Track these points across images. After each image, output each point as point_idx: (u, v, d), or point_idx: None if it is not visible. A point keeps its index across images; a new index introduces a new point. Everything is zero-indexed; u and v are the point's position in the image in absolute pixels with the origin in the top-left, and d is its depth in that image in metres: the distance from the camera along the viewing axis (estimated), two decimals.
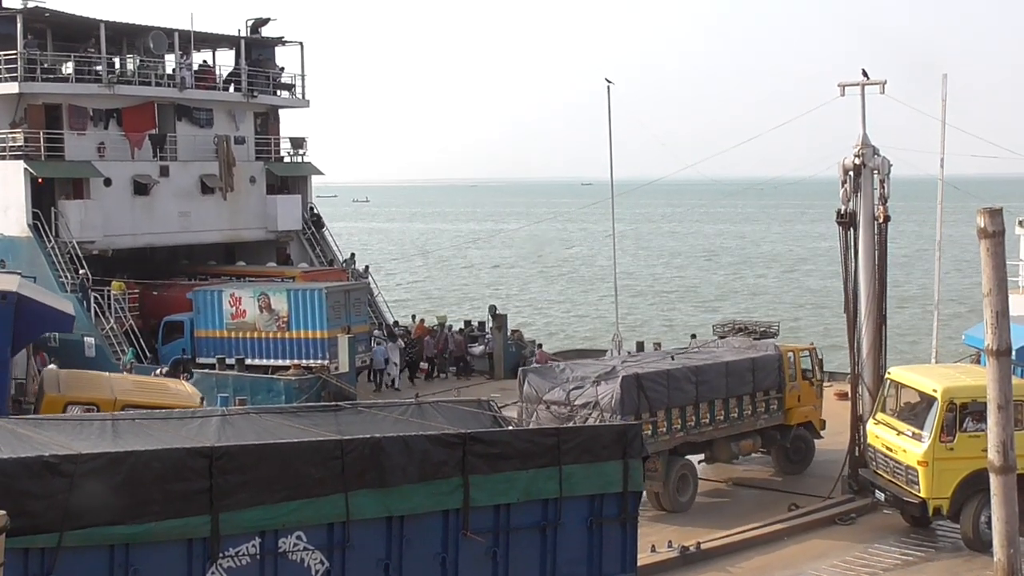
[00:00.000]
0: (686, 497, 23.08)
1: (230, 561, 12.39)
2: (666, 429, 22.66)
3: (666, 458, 22.67)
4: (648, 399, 22.23)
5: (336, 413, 16.20)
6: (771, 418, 24.96)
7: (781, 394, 25.00)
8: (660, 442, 22.44)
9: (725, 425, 24.00)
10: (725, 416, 23.92)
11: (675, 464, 22.90)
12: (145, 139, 40.72)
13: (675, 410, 22.82)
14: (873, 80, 24.02)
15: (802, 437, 25.50)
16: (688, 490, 23.16)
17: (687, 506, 22.93)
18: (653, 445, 21.78)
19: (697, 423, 23.35)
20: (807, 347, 27.35)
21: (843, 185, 23.57)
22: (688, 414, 23.11)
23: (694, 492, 23.31)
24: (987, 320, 14.38)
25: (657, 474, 22.28)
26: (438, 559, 13.68)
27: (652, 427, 22.20)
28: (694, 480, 23.36)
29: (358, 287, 38.23)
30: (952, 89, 30.07)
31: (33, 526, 11.32)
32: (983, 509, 19.01)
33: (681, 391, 22.93)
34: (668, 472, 22.67)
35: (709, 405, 23.54)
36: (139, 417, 15.13)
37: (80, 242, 37.73)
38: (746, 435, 24.61)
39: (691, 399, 23.12)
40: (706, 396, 23.42)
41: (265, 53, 46.04)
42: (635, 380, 22.13)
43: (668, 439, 22.74)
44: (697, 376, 23.32)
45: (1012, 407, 14.69)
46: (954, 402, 19.97)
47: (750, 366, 24.42)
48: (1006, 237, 14.86)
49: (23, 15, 38.49)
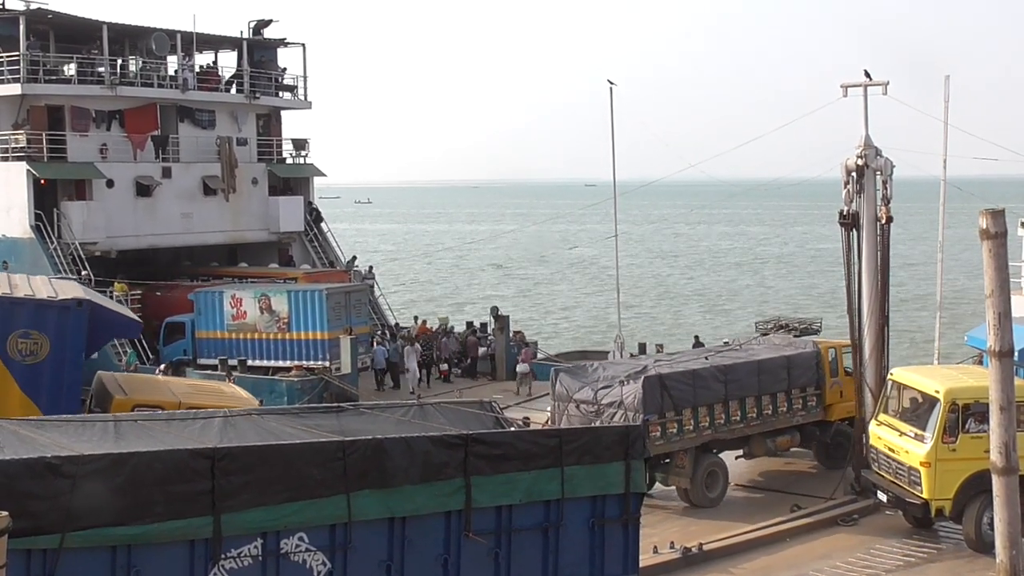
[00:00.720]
0: (715, 493, 23.35)
1: (232, 562, 12.41)
2: (693, 426, 23.02)
3: (694, 455, 23.02)
4: (672, 398, 22.66)
5: (338, 414, 16.20)
6: (809, 414, 25.10)
7: (820, 391, 25.12)
8: (686, 439, 22.88)
9: (758, 422, 24.26)
10: (758, 413, 24.21)
11: (703, 460, 23.23)
12: (147, 140, 40.75)
13: (702, 408, 23.20)
14: (876, 81, 24.02)
15: (843, 433, 25.38)
16: (718, 486, 23.44)
17: (716, 502, 23.23)
18: (679, 442, 22.59)
19: (727, 421, 23.70)
20: (848, 343, 27.33)
21: (846, 186, 23.57)
22: (717, 412, 23.47)
23: (724, 488, 23.58)
24: (989, 321, 14.39)
25: (684, 470, 22.83)
26: (440, 560, 13.68)
27: (677, 425, 22.69)
28: (724, 476, 23.64)
29: (359, 288, 38.23)
30: (954, 90, 30.04)
31: (35, 527, 11.33)
32: (985, 510, 19.02)
33: (708, 390, 23.31)
34: (696, 468, 23.02)
35: (740, 403, 23.88)
36: (141, 418, 15.14)
37: (82, 243, 37.74)
38: (784, 431, 24.78)
39: (720, 397, 23.51)
40: (736, 394, 23.78)
41: (267, 54, 46.05)
42: (658, 380, 22.60)
43: (695, 436, 23.10)
44: (726, 375, 23.70)
45: (1014, 408, 14.70)
46: (956, 403, 19.95)
47: (785, 363, 24.62)
48: (1008, 238, 14.87)
49: (26, 16, 38.52)
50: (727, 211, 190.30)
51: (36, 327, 18.15)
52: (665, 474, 23.25)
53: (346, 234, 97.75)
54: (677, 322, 64.83)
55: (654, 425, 22.10)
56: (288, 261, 45.05)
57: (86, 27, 40.03)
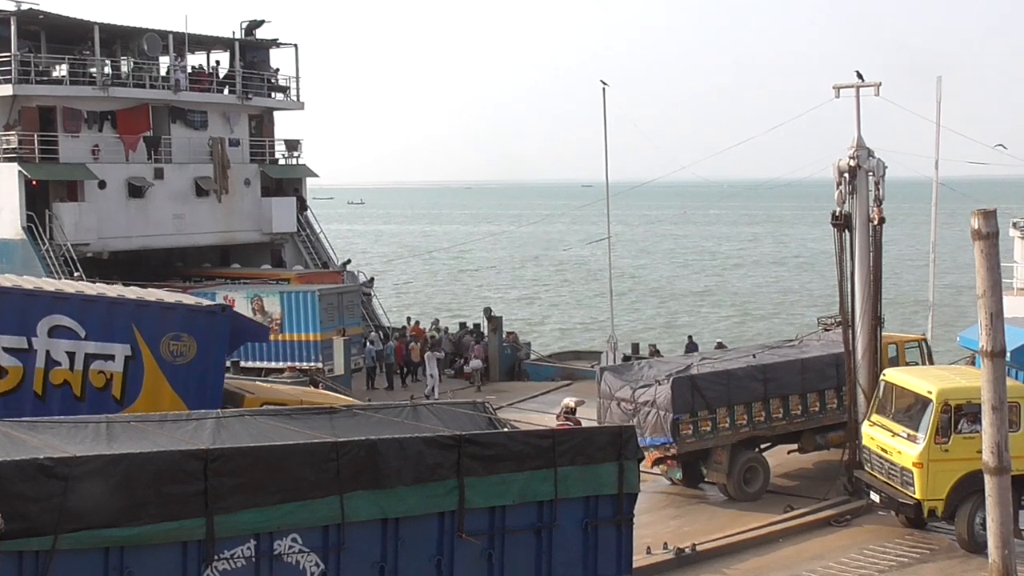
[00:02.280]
0: (754, 488, 23.63)
1: (225, 564, 12.38)
2: (728, 424, 23.39)
3: (730, 451, 23.39)
4: (705, 398, 23.10)
5: (331, 415, 16.19)
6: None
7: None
8: (721, 437, 23.30)
9: (802, 419, 24.50)
10: (803, 411, 24.45)
11: (741, 457, 23.57)
12: (139, 141, 40.73)
13: (739, 407, 23.54)
14: (868, 82, 24.04)
15: None
16: (757, 481, 23.73)
17: (756, 496, 23.50)
18: (713, 440, 23.18)
19: (768, 418, 23.99)
20: (915, 338, 27.41)
21: (838, 187, 23.59)
22: (756, 410, 23.80)
23: (764, 483, 23.86)
24: (981, 322, 14.42)
25: (721, 466, 23.38)
26: (433, 561, 13.67)
27: (711, 423, 23.14)
28: (764, 472, 23.91)
29: (352, 289, 38.23)
30: (946, 91, 30.15)
31: (27, 529, 11.30)
32: (978, 510, 19.04)
33: (745, 389, 23.67)
34: (732, 464, 23.40)
35: (783, 401, 24.16)
36: (134, 419, 15.12)
37: (75, 244, 37.71)
38: (835, 427, 24.86)
39: (758, 396, 23.83)
40: (777, 392, 24.09)
41: (260, 55, 46.04)
42: (689, 381, 23.08)
43: (730, 434, 23.48)
44: (765, 374, 24.02)
45: (1006, 408, 14.73)
46: (949, 404, 19.97)
47: (833, 361, 24.74)
48: (1000, 239, 14.89)
49: (17, 17, 38.44)
50: (719, 211, 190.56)
51: (186, 330, 19.25)
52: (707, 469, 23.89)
53: (341, 235, 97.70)
54: (671, 323, 64.85)
55: (685, 424, 22.74)
56: (280, 262, 45.04)
57: (77, 28, 39.99)
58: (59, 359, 18.33)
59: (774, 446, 24.90)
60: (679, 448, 22.95)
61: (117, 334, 18.79)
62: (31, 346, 18.11)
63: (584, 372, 38.09)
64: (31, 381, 18.16)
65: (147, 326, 19.00)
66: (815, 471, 25.53)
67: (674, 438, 22.76)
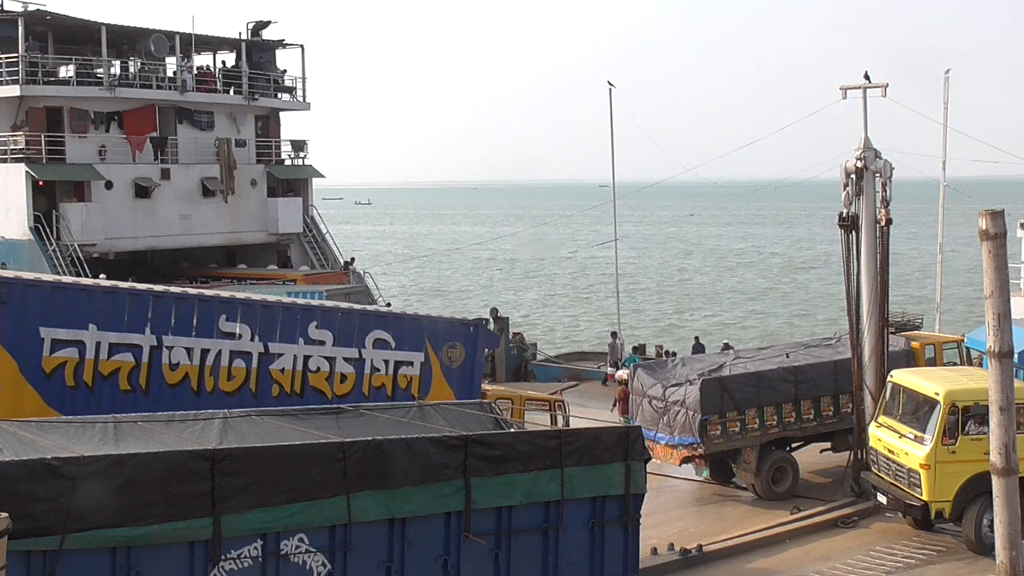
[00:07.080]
0: (783, 487, 23.67)
1: (232, 563, 12.41)
2: (757, 425, 23.48)
3: (758, 451, 23.48)
4: (734, 399, 23.21)
5: (338, 415, 16.20)
6: None
7: None
8: (749, 437, 23.40)
9: (834, 420, 24.51)
10: (834, 412, 24.46)
11: (769, 456, 23.61)
12: (146, 142, 40.73)
13: (768, 408, 23.62)
14: (875, 83, 24.00)
15: None
16: (786, 481, 23.76)
17: (786, 495, 23.53)
18: (741, 440, 23.31)
19: (798, 419, 24.04)
20: (952, 339, 27.28)
21: (845, 188, 23.55)
22: (786, 411, 23.86)
23: (794, 482, 23.88)
24: (989, 322, 14.37)
25: (749, 465, 23.50)
26: (440, 561, 13.69)
27: (740, 424, 23.23)
28: (794, 471, 23.93)
29: (358, 289, 38.22)
30: (954, 92, 30.08)
31: (35, 529, 11.34)
32: (985, 512, 19.01)
33: (774, 390, 23.75)
34: (761, 464, 23.47)
35: (814, 402, 24.20)
36: (141, 419, 15.13)
37: (81, 245, 37.71)
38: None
39: (788, 397, 23.88)
40: (808, 394, 24.13)
41: (266, 56, 46.03)
42: (718, 383, 23.21)
43: (759, 435, 23.54)
44: (796, 376, 24.07)
45: (1014, 409, 14.67)
46: (956, 405, 19.93)
47: None
48: (1008, 239, 14.85)
49: (24, 18, 38.49)
50: (732, 212, 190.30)
51: (459, 339, 22.34)
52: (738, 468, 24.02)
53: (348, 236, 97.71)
54: (678, 323, 64.76)
55: (713, 424, 22.87)
56: (286, 262, 45.05)
57: (85, 28, 40.01)
58: (379, 366, 21.38)
59: (805, 445, 24.90)
60: (706, 448, 23.00)
61: (416, 344, 21.91)
62: (361, 356, 21.14)
63: (591, 373, 38.07)
64: (361, 385, 21.04)
65: (434, 337, 22.08)
66: (822, 473, 25.49)
67: (701, 439, 22.81)
